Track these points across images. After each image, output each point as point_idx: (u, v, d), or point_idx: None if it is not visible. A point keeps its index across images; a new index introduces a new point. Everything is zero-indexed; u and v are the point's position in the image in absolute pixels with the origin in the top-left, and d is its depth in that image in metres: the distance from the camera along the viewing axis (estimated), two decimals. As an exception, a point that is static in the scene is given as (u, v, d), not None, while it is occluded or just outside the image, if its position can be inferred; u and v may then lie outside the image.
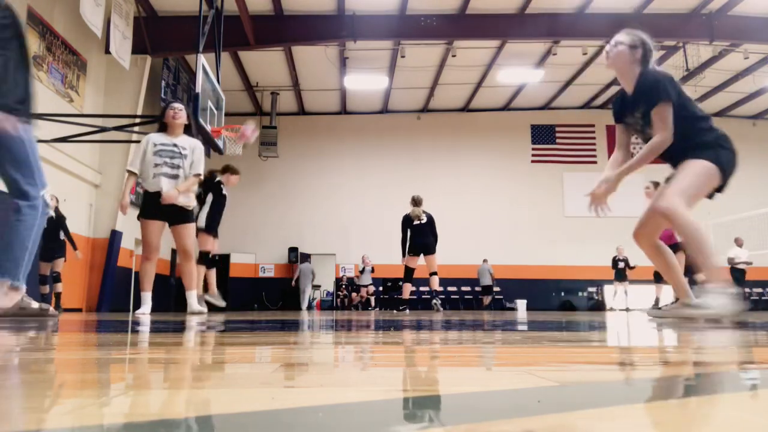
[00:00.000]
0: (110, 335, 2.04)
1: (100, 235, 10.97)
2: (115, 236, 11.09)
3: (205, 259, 7.09)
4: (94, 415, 0.58)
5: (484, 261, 16.42)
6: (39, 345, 1.58)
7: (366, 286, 15.71)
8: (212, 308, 7.14)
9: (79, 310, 9.69)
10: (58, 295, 8.59)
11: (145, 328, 2.60)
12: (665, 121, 2.86)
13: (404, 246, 8.34)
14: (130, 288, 12.51)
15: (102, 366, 1.05)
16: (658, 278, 6.30)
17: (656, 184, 3.56)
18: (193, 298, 5.19)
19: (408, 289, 8.52)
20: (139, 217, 5.02)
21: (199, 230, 7.01)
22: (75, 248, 8.57)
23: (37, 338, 1.84)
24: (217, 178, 7.26)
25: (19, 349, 1.40)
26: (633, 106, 3.04)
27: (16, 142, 2.82)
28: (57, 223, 8.33)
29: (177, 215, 5.05)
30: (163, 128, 5.20)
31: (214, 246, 7.26)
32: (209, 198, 7.14)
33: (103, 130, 9.03)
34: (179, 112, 5.24)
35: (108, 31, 10.24)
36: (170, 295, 14.74)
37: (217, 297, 7.41)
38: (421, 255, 8.31)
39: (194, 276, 5.19)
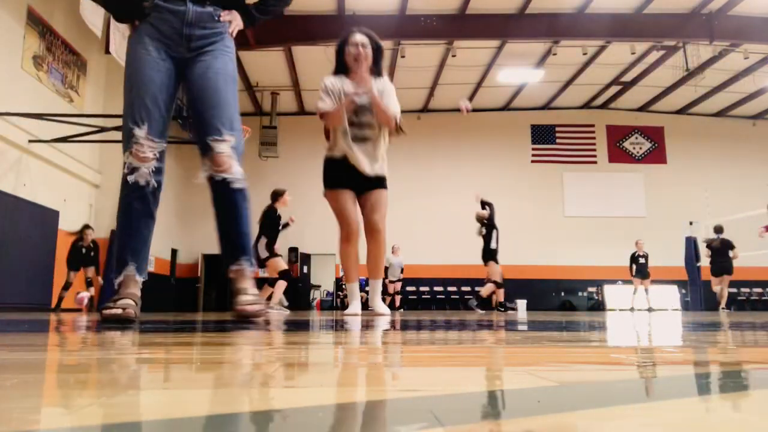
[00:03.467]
0: (109, 334, 2.03)
1: (100, 235, 10.97)
2: (115, 236, 11.09)
3: (286, 275, 8.31)
4: (92, 415, 0.58)
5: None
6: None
7: (394, 282, 13.62)
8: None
9: (78, 309, 9.70)
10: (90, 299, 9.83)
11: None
12: None
13: None
14: (130, 288, 12.49)
15: (102, 366, 1.05)
16: None
17: None
18: (377, 290, 4.10)
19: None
20: (325, 188, 3.93)
21: (264, 259, 8.09)
22: None
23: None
24: (271, 207, 8.55)
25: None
26: None
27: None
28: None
29: (369, 180, 3.83)
30: (343, 69, 3.79)
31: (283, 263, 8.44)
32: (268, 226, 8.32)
33: (103, 130, 9.05)
34: (363, 50, 3.66)
35: (108, 31, 10.25)
36: (171, 294, 14.73)
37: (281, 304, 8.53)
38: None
39: (383, 260, 4.16)
